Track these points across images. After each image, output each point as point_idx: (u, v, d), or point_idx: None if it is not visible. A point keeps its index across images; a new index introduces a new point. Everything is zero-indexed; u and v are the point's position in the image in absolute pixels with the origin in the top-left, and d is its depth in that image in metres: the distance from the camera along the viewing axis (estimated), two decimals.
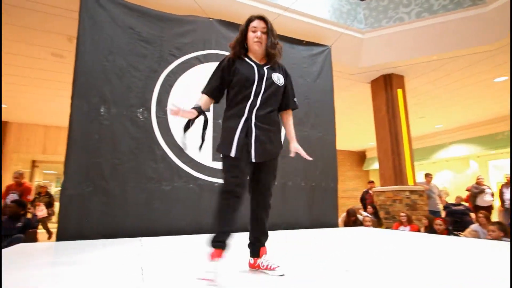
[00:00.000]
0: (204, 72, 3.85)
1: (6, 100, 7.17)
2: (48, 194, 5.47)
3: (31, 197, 4.67)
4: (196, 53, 3.88)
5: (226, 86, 1.64)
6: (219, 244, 1.44)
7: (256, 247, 1.60)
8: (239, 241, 1.68)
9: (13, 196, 4.16)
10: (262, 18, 1.63)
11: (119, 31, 3.50)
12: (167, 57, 3.69)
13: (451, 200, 6.84)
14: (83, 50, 3.29)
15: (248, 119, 1.53)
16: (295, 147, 1.83)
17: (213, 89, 1.63)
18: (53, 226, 4.61)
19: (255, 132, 1.53)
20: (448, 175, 10.50)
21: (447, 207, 5.93)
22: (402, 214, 4.66)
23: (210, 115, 3.76)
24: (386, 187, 5.54)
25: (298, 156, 4.25)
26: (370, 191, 6.39)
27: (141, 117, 3.41)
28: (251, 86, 1.54)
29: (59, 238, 2.84)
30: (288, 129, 1.85)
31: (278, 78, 1.62)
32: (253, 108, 1.54)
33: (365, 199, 6.55)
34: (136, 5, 3.67)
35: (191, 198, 3.46)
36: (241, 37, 1.61)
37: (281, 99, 1.71)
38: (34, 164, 9.85)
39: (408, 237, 3.18)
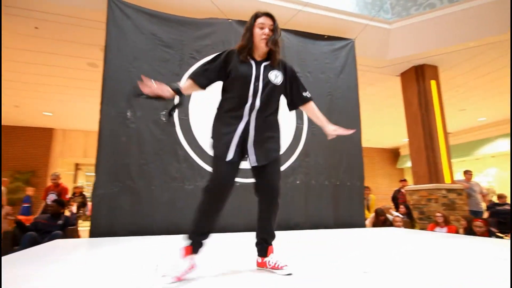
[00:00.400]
0: None
1: (51, 109, 7.85)
2: (81, 195, 5.87)
3: (68, 196, 5.05)
4: (215, 55, 3.94)
5: (218, 77, 1.59)
6: (195, 242, 1.49)
7: (264, 247, 1.58)
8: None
9: (52, 196, 4.54)
10: (269, 15, 1.60)
11: (142, 38, 3.67)
12: (187, 60, 3.80)
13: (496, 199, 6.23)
14: (110, 58, 3.50)
15: (248, 122, 1.50)
16: (332, 129, 1.75)
17: (200, 75, 1.59)
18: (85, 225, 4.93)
19: (254, 136, 1.50)
20: (495, 172, 9.60)
21: (490, 207, 5.42)
22: (438, 214, 4.34)
23: None
24: (420, 185, 5.20)
25: (321, 154, 4.13)
26: (403, 190, 6.04)
27: (164, 119, 3.54)
28: (248, 84, 1.50)
29: (92, 235, 3.05)
30: (315, 117, 1.78)
31: (275, 77, 1.56)
32: (253, 110, 1.50)
33: (397, 199, 6.20)
34: (158, 12, 3.83)
35: None
36: (250, 34, 1.57)
37: (290, 97, 1.67)
38: (77, 167, 10.68)
39: (441, 238, 2.96)
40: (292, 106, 1.73)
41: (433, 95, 5.39)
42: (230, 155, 1.48)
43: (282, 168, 3.87)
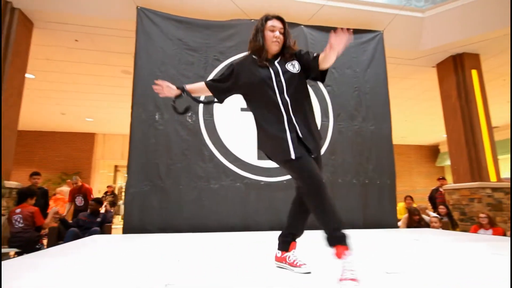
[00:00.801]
0: None
1: (92, 115, 8.48)
2: (112, 194, 6.17)
3: (93, 196, 5.40)
4: (239, 55, 3.98)
5: (232, 86, 1.60)
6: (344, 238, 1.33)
7: (288, 241, 1.56)
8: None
9: (79, 199, 4.88)
10: (279, 18, 1.58)
11: (169, 43, 3.82)
12: (212, 62, 3.89)
13: None
14: (140, 64, 3.70)
15: (290, 119, 1.44)
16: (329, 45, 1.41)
17: (214, 81, 1.64)
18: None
19: (301, 131, 1.44)
20: None
21: None
22: (482, 215, 3.98)
23: None
24: (461, 184, 4.81)
25: (348, 151, 3.97)
26: (441, 189, 5.62)
27: (190, 120, 3.66)
28: (272, 85, 1.48)
29: (125, 231, 3.24)
30: (327, 57, 1.48)
31: (293, 67, 1.52)
32: (288, 107, 1.45)
33: (435, 198, 5.78)
34: (183, 18, 3.97)
35: (239, 196, 3.56)
36: (261, 37, 1.55)
37: (313, 71, 1.55)
38: (116, 168, 11.41)
39: (483, 241, 2.71)
40: (318, 75, 1.56)
41: (474, 85, 4.96)
42: (292, 153, 1.38)
43: None
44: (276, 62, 1.54)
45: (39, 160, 9.75)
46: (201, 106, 3.73)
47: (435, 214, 4.76)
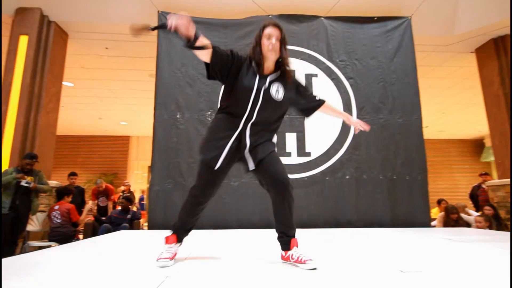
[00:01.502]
0: None
1: (126, 119, 8.97)
2: (129, 192, 6.43)
3: (114, 196, 5.69)
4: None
5: (228, 70, 1.49)
6: (180, 233, 1.59)
7: (285, 240, 1.51)
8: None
9: (103, 199, 5.16)
10: (276, 26, 1.53)
11: None
12: None
13: None
14: (161, 66, 3.83)
15: (242, 132, 1.49)
16: (354, 121, 1.73)
17: (218, 54, 1.47)
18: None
19: (249, 145, 1.49)
20: None
21: None
22: None
23: None
24: (506, 179, 4.35)
25: (373, 146, 3.81)
26: (484, 186, 5.12)
27: (209, 119, 3.71)
28: (248, 97, 1.46)
29: (150, 227, 3.37)
30: (337, 113, 1.78)
31: (276, 92, 1.49)
32: (248, 122, 1.48)
33: (476, 196, 5.28)
34: (202, 18, 4.03)
35: (259, 194, 3.53)
36: (258, 46, 1.51)
37: (302, 105, 1.65)
38: (149, 169, 11.96)
39: None
40: (307, 112, 1.69)
41: None
42: (218, 164, 1.47)
43: (330, 162, 3.69)
44: (268, 80, 1.50)
45: (82, 162, 10.56)
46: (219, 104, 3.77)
47: (477, 213, 4.34)
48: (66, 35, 4.73)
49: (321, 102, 1.67)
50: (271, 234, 2.41)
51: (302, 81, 1.63)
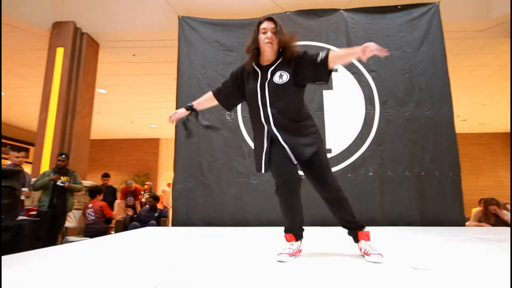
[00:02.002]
0: None
1: (155, 122, 9.39)
2: (150, 191, 6.67)
3: (141, 196, 5.96)
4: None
5: (237, 93, 1.67)
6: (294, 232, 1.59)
7: (352, 233, 1.60)
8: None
9: (130, 199, 5.41)
10: (270, 19, 1.56)
11: (208, 46, 4.01)
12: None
13: None
14: (182, 69, 3.96)
15: (270, 131, 1.51)
16: (362, 47, 1.36)
17: (220, 90, 1.74)
18: None
19: (282, 138, 1.49)
20: None
21: None
22: None
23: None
24: None
25: (398, 141, 3.61)
26: None
27: (229, 118, 3.78)
28: (256, 96, 1.53)
29: (174, 224, 3.50)
30: (346, 56, 1.56)
31: (280, 77, 1.51)
32: (269, 119, 1.50)
33: None
34: (220, 20, 4.12)
35: None
36: (254, 40, 1.57)
37: (311, 74, 1.52)
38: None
39: None
40: (320, 75, 1.52)
41: None
42: (263, 170, 1.57)
43: (352, 159, 3.57)
44: (270, 70, 1.53)
45: (117, 164, 11.26)
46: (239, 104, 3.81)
47: None
48: (97, 45, 5.06)
49: (326, 57, 1.46)
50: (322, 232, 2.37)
51: (305, 49, 1.56)
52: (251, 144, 3.70)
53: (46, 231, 3.41)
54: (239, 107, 3.80)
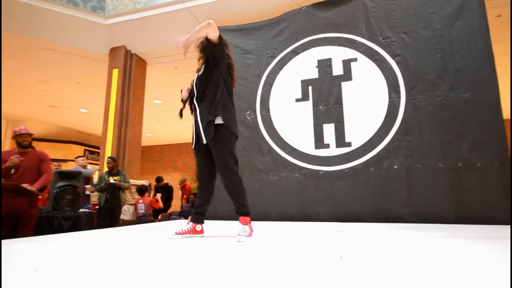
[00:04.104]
0: (300, 62, 3.89)
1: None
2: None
3: (186, 195, 6.49)
4: (292, 46, 3.99)
5: None
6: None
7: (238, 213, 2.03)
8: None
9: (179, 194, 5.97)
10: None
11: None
12: (266, 60, 4.05)
13: None
14: None
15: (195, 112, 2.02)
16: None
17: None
18: None
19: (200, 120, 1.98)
20: None
21: None
22: None
23: (309, 103, 3.72)
24: None
25: (428, 129, 3.31)
26: None
27: (249, 118, 3.95)
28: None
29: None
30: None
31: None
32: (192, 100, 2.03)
33: None
34: (239, 26, 4.33)
35: (297, 187, 3.55)
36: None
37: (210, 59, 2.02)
38: None
39: None
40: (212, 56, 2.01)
41: None
42: (193, 145, 2.03)
43: (374, 151, 3.37)
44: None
45: (182, 166, 12.53)
46: (257, 103, 3.96)
47: None
48: (144, 62, 5.82)
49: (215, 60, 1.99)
50: (307, 226, 2.48)
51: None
52: (270, 142, 3.80)
53: (105, 222, 4.12)
54: (257, 107, 3.95)
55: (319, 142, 3.58)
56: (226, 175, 1.88)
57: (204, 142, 1.90)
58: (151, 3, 5.04)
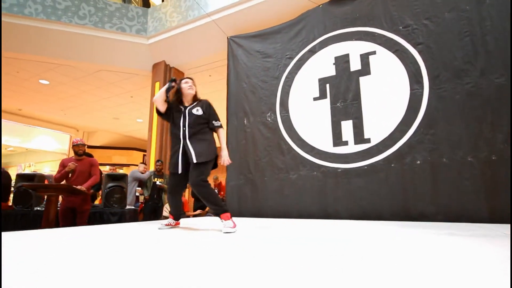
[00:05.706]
0: (317, 60, 3.90)
1: None
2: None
3: (223, 192, 6.73)
4: (309, 46, 4.02)
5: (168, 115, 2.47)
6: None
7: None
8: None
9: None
10: (189, 78, 2.53)
11: (250, 58, 4.47)
12: (284, 61, 4.15)
13: None
14: (231, 82, 4.57)
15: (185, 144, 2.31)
16: (221, 155, 2.45)
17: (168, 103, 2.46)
18: None
19: (191, 148, 2.30)
20: None
21: None
22: None
23: (327, 101, 3.72)
24: None
25: (456, 121, 3.15)
26: None
27: (269, 119, 4.09)
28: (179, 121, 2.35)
29: None
30: (220, 146, 2.49)
31: (197, 111, 2.35)
32: (186, 135, 2.31)
33: None
34: (259, 31, 4.51)
35: (316, 185, 3.57)
36: (178, 89, 2.43)
37: (209, 123, 2.39)
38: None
39: None
40: (211, 128, 2.42)
41: None
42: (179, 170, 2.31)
43: (395, 147, 3.22)
44: (188, 108, 2.37)
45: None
46: (277, 104, 4.08)
47: None
48: (182, 74, 6.37)
49: (214, 127, 2.41)
50: (326, 224, 2.63)
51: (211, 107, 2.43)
52: (290, 142, 3.89)
53: (150, 218, 4.66)
54: (277, 108, 4.07)
55: (337, 139, 3.54)
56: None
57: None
58: (183, 20, 5.53)
